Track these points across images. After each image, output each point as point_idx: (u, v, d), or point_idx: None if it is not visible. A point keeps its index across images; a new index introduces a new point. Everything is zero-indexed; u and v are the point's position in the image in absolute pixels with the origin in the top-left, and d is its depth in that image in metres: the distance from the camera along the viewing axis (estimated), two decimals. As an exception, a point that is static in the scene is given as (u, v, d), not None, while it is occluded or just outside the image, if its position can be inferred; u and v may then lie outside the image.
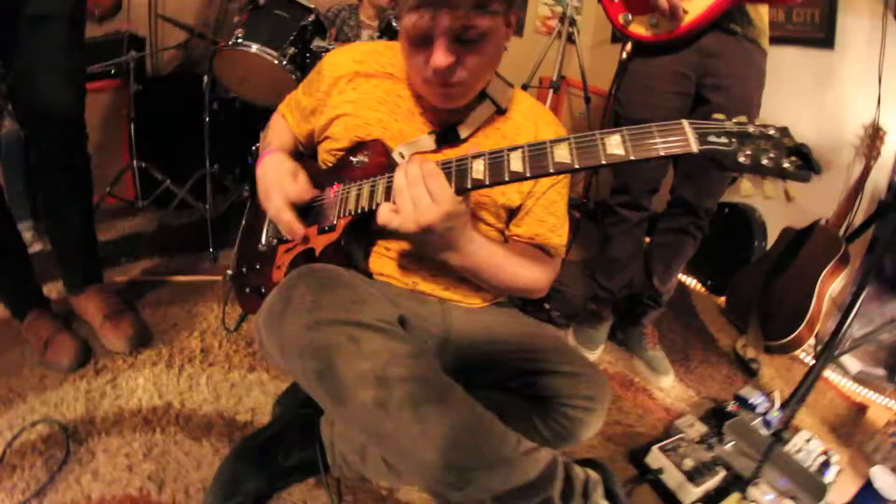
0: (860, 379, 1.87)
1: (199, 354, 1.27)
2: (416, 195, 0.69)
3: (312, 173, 0.92)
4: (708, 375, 1.68)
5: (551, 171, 0.65)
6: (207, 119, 1.85)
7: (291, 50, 1.72)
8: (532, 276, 0.89)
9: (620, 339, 1.73)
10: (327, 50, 1.74)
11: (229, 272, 1.08)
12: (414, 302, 0.89)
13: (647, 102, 1.38)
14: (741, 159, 0.57)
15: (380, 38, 2.03)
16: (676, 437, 1.20)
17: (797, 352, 1.87)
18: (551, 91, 2.49)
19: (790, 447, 1.24)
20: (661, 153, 0.59)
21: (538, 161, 0.66)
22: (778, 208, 2.26)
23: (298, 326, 0.67)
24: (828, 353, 1.24)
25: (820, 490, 1.11)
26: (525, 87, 2.55)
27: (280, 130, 1.03)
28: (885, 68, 1.86)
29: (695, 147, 0.58)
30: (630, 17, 1.33)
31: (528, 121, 0.93)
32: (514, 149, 0.68)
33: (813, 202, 2.09)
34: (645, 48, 1.37)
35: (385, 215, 0.72)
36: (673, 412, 1.43)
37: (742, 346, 1.83)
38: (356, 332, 0.66)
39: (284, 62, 1.69)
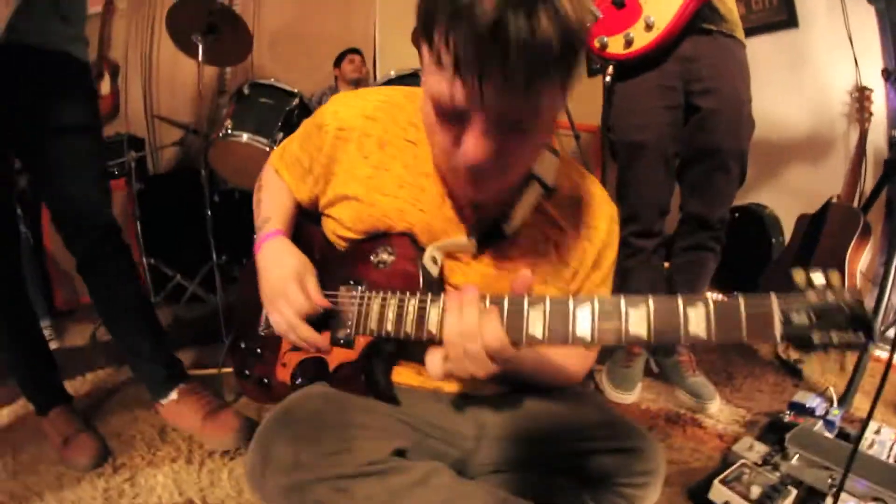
0: None
1: (219, 448, 1.23)
2: (472, 352, 0.56)
3: (320, 252, 0.81)
4: (755, 389, 1.58)
5: (622, 342, 0.54)
6: (209, 212, 1.91)
7: (280, 135, 1.80)
8: (572, 370, 0.81)
9: (657, 374, 1.64)
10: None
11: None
12: (436, 403, 0.79)
13: (637, 124, 1.38)
14: (816, 340, 0.49)
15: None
16: (737, 464, 1.10)
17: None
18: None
19: (861, 444, 1.13)
20: (745, 339, 0.50)
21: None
22: (787, 199, 2.22)
23: (280, 488, 0.61)
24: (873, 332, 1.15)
25: (911, 484, 0.99)
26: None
27: (276, 193, 0.86)
28: (853, 28, 1.89)
29: (778, 335, 0.49)
30: (605, 39, 1.36)
31: (573, 208, 0.78)
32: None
33: (819, 182, 2.06)
34: (626, 67, 1.38)
35: (436, 368, 0.61)
36: (727, 438, 1.33)
37: (784, 349, 1.73)
38: (344, 484, 0.59)
39: (275, 147, 1.77)
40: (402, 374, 0.78)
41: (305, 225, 0.86)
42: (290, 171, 0.84)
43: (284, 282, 0.73)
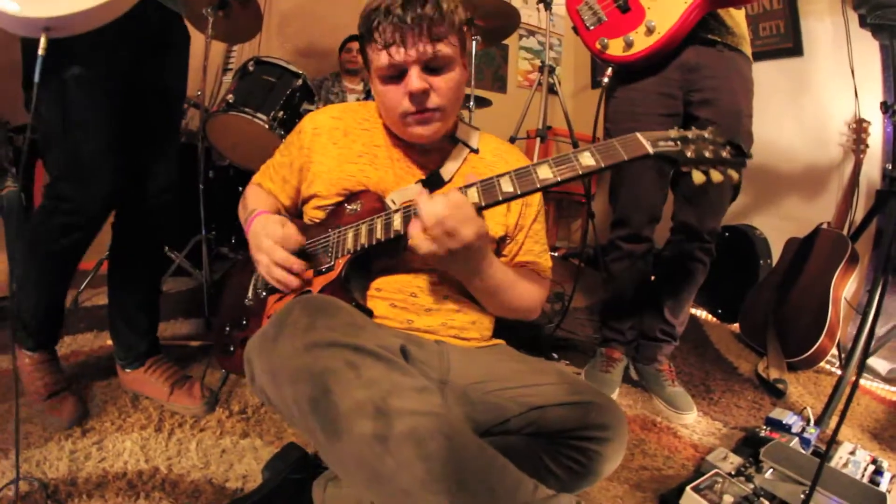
0: (892, 378, 1.78)
1: (189, 419, 1.22)
2: (449, 220, 0.72)
3: (302, 230, 0.94)
4: (733, 404, 1.58)
5: (538, 186, 0.74)
6: (202, 186, 1.89)
7: (280, 114, 1.80)
8: (534, 294, 0.97)
9: (636, 381, 1.64)
10: (314, 112, 1.82)
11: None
12: (411, 344, 0.84)
13: (634, 129, 1.39)
14: (689, 155, 0.71)
15: (366, 98, 2.13)
16: (710, 473, 1.10)
17: (822, 363, 1.79)
18: (539, 141, 2.56)
19: (836, 462, 1.14)
20: (625, 157, 0.72)
21: (525, 180, 0.75)
22: (778, 222, 2.26)
23: (292, 349, 0.62)
24: (859, 356, 1.16)
25: (880, 500, 1.01)
26: (512, 140, 2.63)
27: (260, 199, 1.05)
28: (856, 61, 1.93)
29: (650, 149, 0.71)
30: (606, 40, 1.37)
31: (499, 158, 1.02)
32: (503, 175, 0.76)
33: (811, 208, 2.10)
34: (627, 72, 1.39)
35: (418, 238, 0.74)
36: (702, 448, 1.33)
37: (764, 368, 1.74)
38: (355, 357, 0.61)
39: (274, 126, 1.76)
40: (378, 307, 0.88)
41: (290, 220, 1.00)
42: (272, 180, 1.05)
43: (267, 224, 0.90)
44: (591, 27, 1.40)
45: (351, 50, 2.86)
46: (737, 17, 1.34)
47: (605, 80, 1.41)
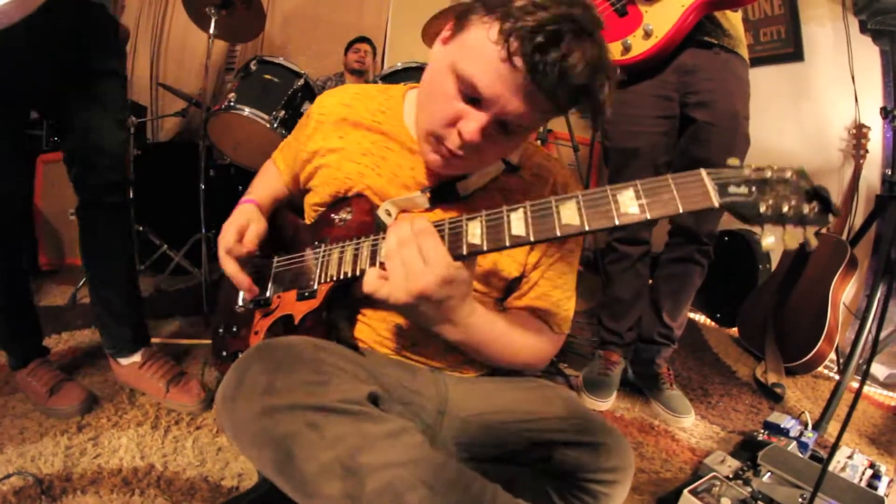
0: (890, 383, 1.77)
1: (186, 417, 1.22)
2: (408, 258, 0.59)
3: (293, 229, 0.89)
4: (731, 408, 1.58)
5: (558, 234, 0.56)
6: (203, 184, 1.89)
7: (282, 113, 1.80)
8: (534, 351, 0.81)
9: (634, 384, 1.64)
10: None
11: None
12: (403, 372, 0.79)
13: (631, 131, 1.39)
14: (762, 209, 0.51)
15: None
16: (708, 476, 1.09)
17: (820, 368, 1.79)
18: (539, 143, 2.57)
19: (833, 466, 1.14)
20: (681, 209, 0.51)
21: (543, 223, 0.57)
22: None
23: (251, 413, 0.58)
24: (855, 363, 1.16)
25: (878, 505, 1.00)
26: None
27: (268, 177, 0.98)
28: (856, 66, 1.94)
29: (715, 201, 0.51)
30: None
31: (539, 179, 0.84)
32: (515, 209, 0.59)
33: (810, 213, 2.09)
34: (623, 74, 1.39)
35: (372, 283, 0.62)
36: (700, 452, 1.33)
37: (762, 373, 1.73)
38: (317, 418, 0.56)
39: (275, 125, 1.76)
40: (365, 334, 0.81)
41: (285, 211, 0.96)
42: (284, 158, 0.96)
43: (227, 225, 0.83)
44: None
45: (359, 51, 2.84)
46: (733, 20, 1.35)
47: None
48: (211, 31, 1.88)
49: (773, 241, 0.50)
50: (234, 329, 0.90)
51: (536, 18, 0.58)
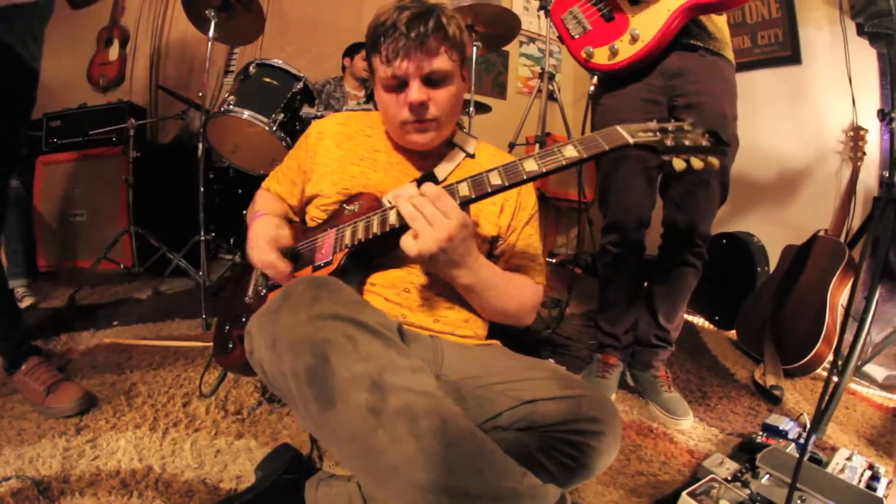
0: (889, 385, 1.77)
1: (184, 419, 1.21)
2: (431, 215, 0.77)
3: (302, 233, 1.01)
4: (730, 411, 1.58)
5: (524, 178, 0.79)
6: (202, 187, 1.89)
7: (281, 116, 1.80)
8: (525, 297, 0.99)
9: (633, 387, 1.64)
10: (316, 117, 1.83)
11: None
12: (406, 339, 0.85)
13: None
14: (668, 143, 0.75)
15: (366, 103, 2.13)
16: (706, 479, 1.09)
17: (819, 370, 1.79)
18: (537, 147, 2.57)
19: (832, 468, 1.14)
20: (606, 148, 0.76)
21: (512, 173, 0.80)
22: (775, 229, 2.27)
23: (294, 320, 0.64)
24: (848, 363, 1.16)
25: (877, 506, 1.00)
26: (511, 146, 2.64)
27: (267, 201, 1.11)
28: (854, 69, 1.94)
29: (630, 140, 0.75)
30: (591, 49, 1.38)
31: (494, 163, 1.00)
32: (491, 170, 0.82)
33: (809, 215, 2.11)
34: (611, 80, 1.41)
35: (407, 243, 0.78)
36: (698, 454, 1.33)
37: (761, 375, 1.73)
38: (355, 331, 0.64)
39: (274, 128, 1.76)
40: (373, 302, 0.89)
41: (290, 225, 1.05)
42: (280, 184, 1.12)
43: (264, 224, 0.95)
44: (576, 36, 1.41)
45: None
46: (718, 23, 1.35)
47: (591, 88, 1.42)
48: (211, 33, 1.88)
49: (682, 164, 0.73)
50: (243, 319, 0.97)
51: (387, 16, 0.88)
